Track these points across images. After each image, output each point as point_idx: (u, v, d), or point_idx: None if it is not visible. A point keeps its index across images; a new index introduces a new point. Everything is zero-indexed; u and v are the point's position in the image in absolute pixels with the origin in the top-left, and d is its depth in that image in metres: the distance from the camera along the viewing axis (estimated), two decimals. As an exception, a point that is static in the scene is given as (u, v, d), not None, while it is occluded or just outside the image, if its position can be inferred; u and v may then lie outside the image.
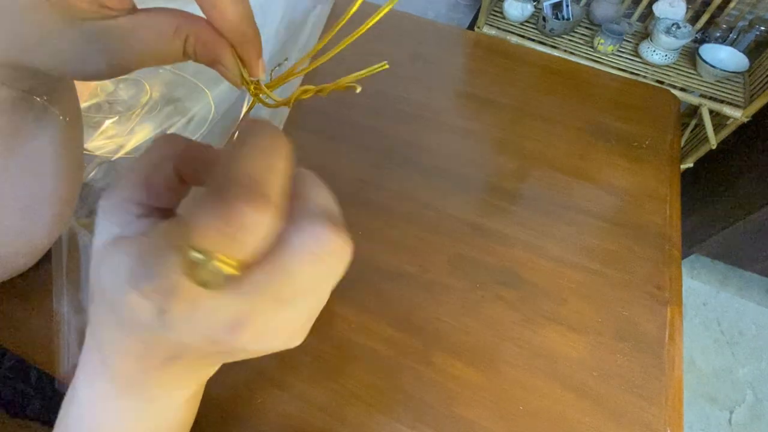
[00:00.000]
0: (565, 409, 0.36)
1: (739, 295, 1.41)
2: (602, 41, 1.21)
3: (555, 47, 1.26)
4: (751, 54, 1.19)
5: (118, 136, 0.46)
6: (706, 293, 1.41)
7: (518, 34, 1.28)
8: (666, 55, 1.18)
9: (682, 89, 1.17)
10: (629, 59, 1.23)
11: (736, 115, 1.11)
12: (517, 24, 1.30)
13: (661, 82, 1.20)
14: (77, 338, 0.34)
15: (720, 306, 1.39)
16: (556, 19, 1.23)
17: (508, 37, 1.27)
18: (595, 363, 0.39)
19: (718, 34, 1.22)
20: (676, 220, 0.49)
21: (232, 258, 0.13)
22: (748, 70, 1.17)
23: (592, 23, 1.31)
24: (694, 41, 1.24)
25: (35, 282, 0.38)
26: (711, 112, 1.15)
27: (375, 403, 0.36)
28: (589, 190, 0.51)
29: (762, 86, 1.08)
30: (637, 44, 1.25)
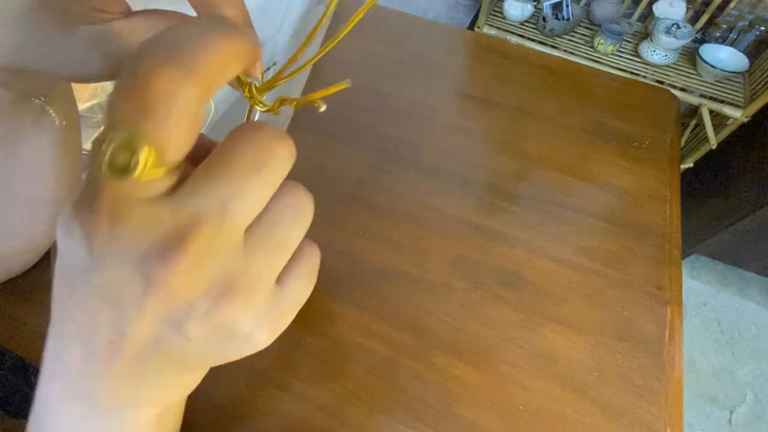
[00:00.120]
0: (565, 409, 0.36)
1: (739, 295, 1.40)
2: (602, 41, 1.21)
3: (555, 47, 1.26)
4: (751, 54, 1.19)
5: (118, 136, 0.46)
6: (706, 293, 1.41)
7: (518, 34, 1.28)
8: (666, 55, 1.18)
9: (682, 89, 1.17)
10: (629, 59, 1.23)
11: (736, 115, 1.11)
12: (517, 24, 1.30)
13: (661, 82, 1.20)
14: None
15: (720, 306, 1.39)
16: (556, 19, 1.23)
17: (508, 37, 1.27)
18: (595, 363, 0.39)
19: (718, 34, 1.22)
20: (676, 220, 0.49)
21: (156, 149, 0.11)
22: (748, 70, 1.17)
23: (592, 23, 1.31)
24: (694, 41, 1.24)
25: (35, 282, 0.38)
26: (711, 112, 1.15)
27: (375, 403, 0.36)
28: (589, 190, 0.51)
29: (762, 86, 1.08)
30: (637, 44, 1.25)
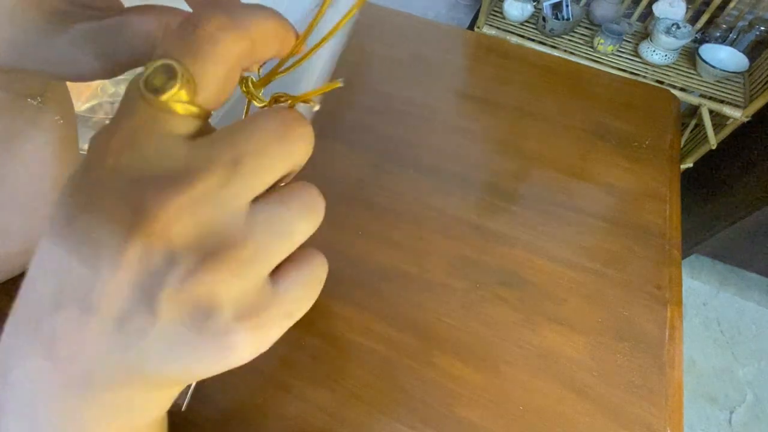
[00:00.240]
0: (565, 409, 0.36)
1: (739, 295, 1.40)
2: (602, 41, 1.21)
3: (555, 47, 1.26)
4: (751, 54, 1.19)
5: (118, 136, 0.46)
6: (706, 293, 1.41)
7: (518, 34, 1.28)
8: (666, 55, 1.18)
9: (682, 89, 1.17)
10: (629, 59, 1.23)
11: (736, 115, 1.11)
12: (517, 24, 1.30)
13: (661, 82, 1.20)
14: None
15: (720, 306, 1.39)
16: (556, 19, 1.23)
17: (508, 37, 1.27)
18: (595, 363, 0.39)
19: (718, 34, 1.22)
20: (676, 220, 0.49)
21: (191, 82, 0.12)
22: (748, 70, 1.17)
23: (592, 23, 1.31)
24: (694, 41, 1.24)
25: (35, 282, 0.38)
26: (711, 112, 1.15)
27: (375, 403, 0.36)
28: (589, 190, 0.51)
29: (762, 86, 1.08)
30: (637, 44, 1.25)
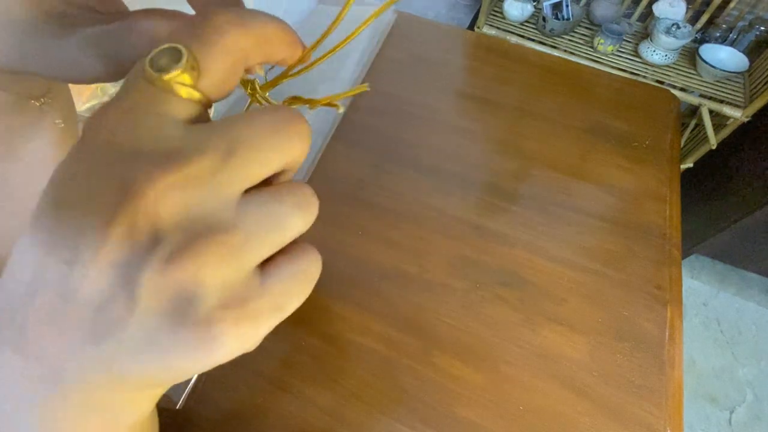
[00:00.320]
0: (565, 409, 0.36)
1: (739, 295, 1.40)
2: (602, 41, 1.21)
3: (555, 47, 1.26)
4: (751, 54, 1.18)
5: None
6: (706, 293, 1.41)
7: (518, 34, 1.28)
8: (666, 55, 1.18)
9: (682, 89, 1.17)
10: (629, 59, 1.23)
11: (736, 115, 1.11)
12: (517, 24, 1.30)
13: (661, 82, 1.20)
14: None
15: (720, 306, 1.39)
16: (556, 19, 1.23)
17: (508, 37, 1.27)
18: (595, 363, 0.39)
19: (718, 34, 1.22)
20: (676, 220, 0.49)
21: (195, 68, 0.12)
22: (748, 70, 1.17)
23: (592, 23, 1.31)
24: (694, 41, 1.24)
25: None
26: (711, 112, 1.15)
27: (375, 403, 0.36)
28: (589, 190, 0.51)
29: (762, 86, 1.08)
30: (637, 44, 1.25)
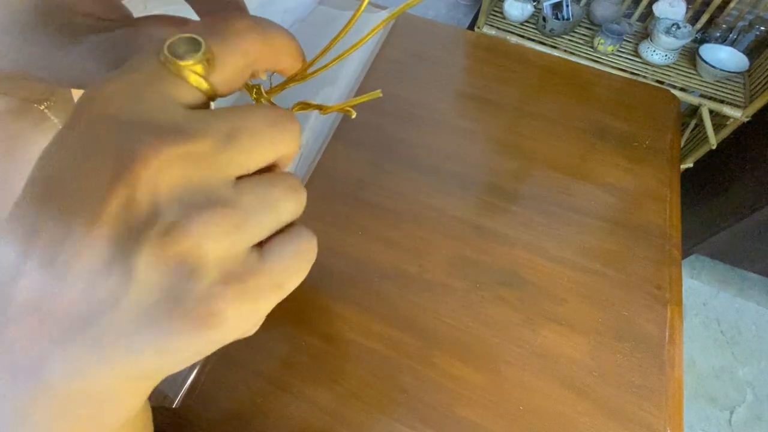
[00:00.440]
0: (565, 409, 0.36)
1: (739, 295, 1.40)
2: (602, 41, 1.21)
3: (555, 47, 1.26)
4: (751, 54, 1.18)
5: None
6: (706, 293, 1.41)
7: (518, 34, 1.28)
8: (666, 55, 1.18)
9: (682, 89, 1.17)
10: (629, 59, 1.23)
11: (736, 115, 1.11)
12: (517, 24, 1.30)
13: (661, 82, 1.20)
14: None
15: (720, 306, 1.39)
16: (556, 19, 1.23)
17: (508, 37, 1.27)
18: (595, 363, 0.39)
19: (718, 34, 1.22)
20: (676, 220, 0.49)
21: (210, 59, 0.13)
22: (748, 70, 1.17)
23: (592, 23, 1.31)
24: (694, 41, 1.24)
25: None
26: (711, 112, 1.15)
27: (375, 403, 0.36)
28: (589, 190, 0.51)
29: (762, 86, 1.08)
30: (637, 44, 1.25)
